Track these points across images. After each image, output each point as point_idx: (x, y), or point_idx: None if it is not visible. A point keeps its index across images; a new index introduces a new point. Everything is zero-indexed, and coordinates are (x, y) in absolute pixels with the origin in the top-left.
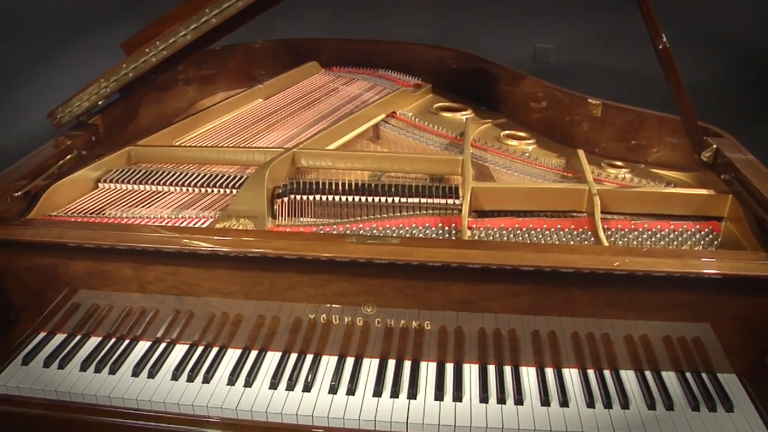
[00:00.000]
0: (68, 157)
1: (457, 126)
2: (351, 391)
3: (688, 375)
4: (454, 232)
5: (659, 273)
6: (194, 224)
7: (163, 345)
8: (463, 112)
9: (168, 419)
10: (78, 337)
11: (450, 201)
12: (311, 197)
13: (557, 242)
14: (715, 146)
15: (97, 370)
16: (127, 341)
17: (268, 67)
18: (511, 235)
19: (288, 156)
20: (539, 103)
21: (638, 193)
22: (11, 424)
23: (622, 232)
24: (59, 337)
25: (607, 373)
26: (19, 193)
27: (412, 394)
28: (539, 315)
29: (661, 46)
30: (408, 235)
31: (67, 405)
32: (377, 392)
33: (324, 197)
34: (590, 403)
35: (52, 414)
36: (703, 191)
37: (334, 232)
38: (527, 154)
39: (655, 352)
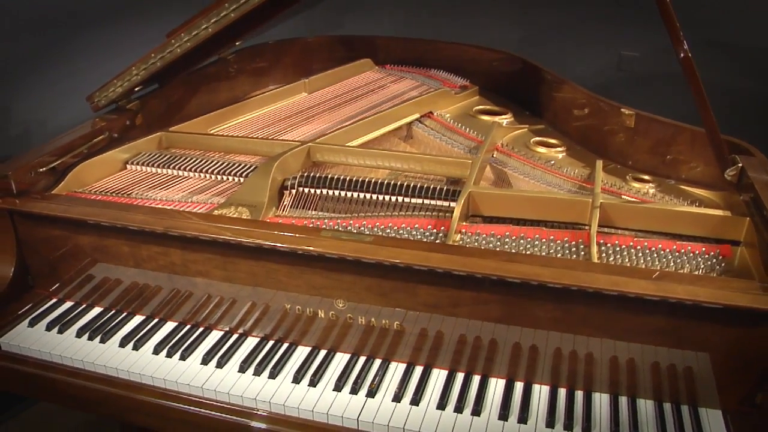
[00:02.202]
0: (99, 138)
1: None
2: (313, 383)
3: (666, 405)
4: (441, 235)
5: (632, 294)
6: (200, 209)
7: (154, 321)
8: (503, 116)
9: (140, 390)
10: (83, 306)
11: (444, 204)
12: (313, 191)
13: (546, 253)
14: (740, 165)
15: (90, 338)
16: (123, 314)
17: (323, 63)
18: (498, 243)
19: (303, 150)
20: (577, 111)
21: (646, 210)
22: (9, 380)
23: (620, 248)
24: (67, 305)
25: (578, 393)
26: (44, 168)
27: (371, 393)
28: (508, 326)
29: (682, 54)
30: (396, 235)
31: (56, 367)
32: (338, 387)
33: (323, 191)
34: (550, 423)
35: (42, 374)
36: (719, 212)
37: (324, 226)
38: (552, 163)
39: (636, 377)
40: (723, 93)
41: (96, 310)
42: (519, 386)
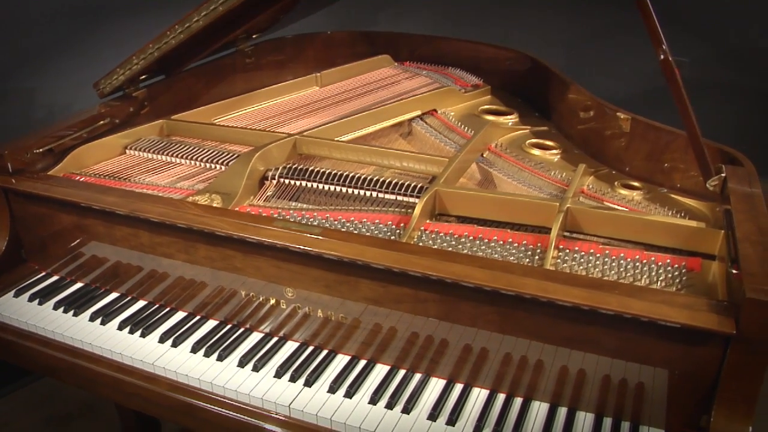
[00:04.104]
0: (101, 123)
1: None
2: (256, 369)
3: (606, 420)
4: (399, 231)
5: (561, 302)
6: (181, 194)
7: (126, 299)
8: (508, 117)
9: (99, 362)
10: (67, 281)
11: (414, 201)
12: (291, 182)
13: (501, 256)
14: (723, 174)
15: (65, 311)
16: (100, 291)
17: (345, 58)
18: (454, 243)
19: (288, 142)
20: (580, 114)
21: (615, 217)
22: None
23: (579, 255)
24: (52, 279)
25: (517, 400)
26: (41, 150)
27: (309, 383)
28: (448, 326)
29: (662, 56)
30: (355, 230)
31: (30, 336)
32: (278, 374)
33: (301, 183)
34: (478, 428)
35: (17, 341)
36: (692, 223)
37: (288, 216)
38: (542, 165)
39: (579, 388)
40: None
41: (77, 286)
42: (458, 388)
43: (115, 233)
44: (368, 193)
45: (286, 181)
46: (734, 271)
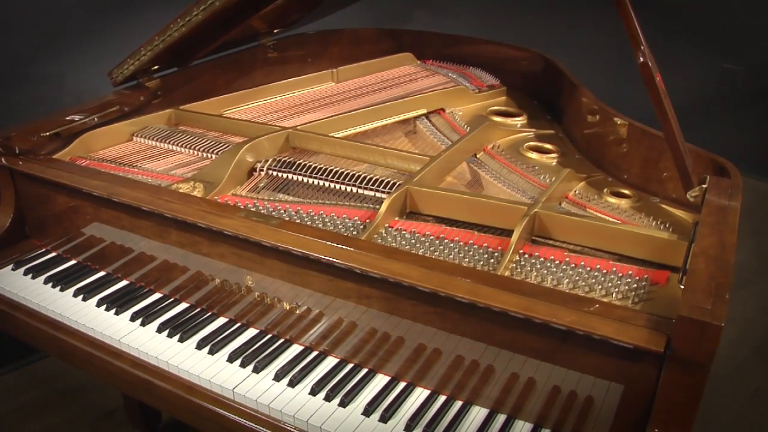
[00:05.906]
0: (110, 110)
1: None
2: (212, 353)
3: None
4: (362, 227)
5: (491, 307)
6: (171, 181)
7: (111, 278)
8: (517, 118)
9: (74, 336)
10: (62, 258)
11: (383, 197)
12: (277, 174)
13: (458, 258)
14: (705, 186)
15: (53, 286)
16: (89, 269)
17: (370, 54)
18: (413, 241)
19: (281, 135)
20: (585, 117)
21: (583, 224)
22: None
23: (537, 261)
24: (50, 255)
25: (457, 403)
26: (47, 133)
27: (257, 369)
28: (393, 323)
29: (641, 59)
30: (321, 223)
31: (20, 307)
32: (231, 359)
33: (286, 176)
34: (409, 428)
35: (8, 311)
36: (663, 235)
37: (261, 208)
38: (534, 168)
39: (520, 397)
40: None
41: (70, 263)
42: (401, 386)
43: (101, 215)
44: (348, 188)
45: (274, 173)
46: (682, 287)
